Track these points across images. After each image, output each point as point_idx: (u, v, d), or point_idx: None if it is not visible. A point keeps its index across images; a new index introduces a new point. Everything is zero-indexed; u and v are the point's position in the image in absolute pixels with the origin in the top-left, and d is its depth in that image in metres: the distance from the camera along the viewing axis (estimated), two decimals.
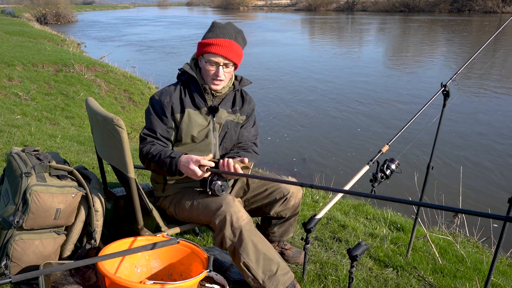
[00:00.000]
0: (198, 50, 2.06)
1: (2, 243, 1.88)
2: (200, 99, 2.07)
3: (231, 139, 2.16)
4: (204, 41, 2.02)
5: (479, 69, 12.20)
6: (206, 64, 2.01)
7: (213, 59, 1.99)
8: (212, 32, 2.03)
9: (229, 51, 1.99)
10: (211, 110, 2.07)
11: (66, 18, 38.15)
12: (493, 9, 41.38)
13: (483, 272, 2.63)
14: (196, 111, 2.06)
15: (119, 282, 1.63)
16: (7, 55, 9.59)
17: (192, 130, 2.05)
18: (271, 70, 13.78)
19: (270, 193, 2.20)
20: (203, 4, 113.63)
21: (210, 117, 2.08)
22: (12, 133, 4.53)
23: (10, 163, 2.03)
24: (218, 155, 2.14)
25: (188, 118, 2.04)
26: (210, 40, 2.00)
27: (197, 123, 2.05)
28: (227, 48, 1.99)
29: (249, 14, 61.01)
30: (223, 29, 2.03)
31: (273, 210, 2.22)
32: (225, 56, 1.99)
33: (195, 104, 2.06)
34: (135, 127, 7.47)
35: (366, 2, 55.20)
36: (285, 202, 2.21)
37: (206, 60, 2.01)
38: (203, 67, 2.04)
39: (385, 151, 2.32)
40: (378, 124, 8.20)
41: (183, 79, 2.11)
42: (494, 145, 7.06)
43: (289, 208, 2.23)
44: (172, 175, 1.94)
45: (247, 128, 2.23)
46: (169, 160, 1.91)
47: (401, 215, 3.64)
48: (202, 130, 2.07)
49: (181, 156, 1.90)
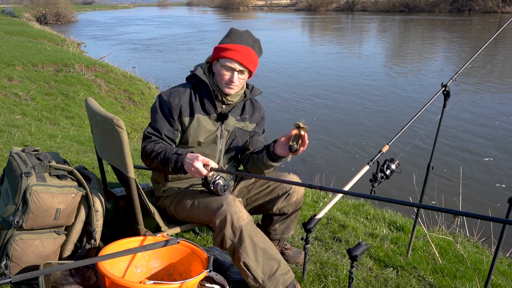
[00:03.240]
0: (213, 54, 2.04)
1: (2, 243, 1.88)
2: (210, 105, 2.06)
3: (237, 146, 2.16)
4: (221, 46, 2.01)
5: (480, 68, 12.20)
6: (222, 68, 2.00)
7: (229, 64, 1.98)
8: (230, 37, 2.02)
9: (245, 57, 1.99)
10: (220, 117, 2.06)
11: (66, 18, 38.15)
12: (493, 9, 41.37)
13: (483, 272, 2.63)
14: (205, 116, 2.05)
15: (119, 282, 1.63)
16: (7, 55, 9.60)
17: (199, 136, 2.04)
18: (270, 70, 13.77)
19: (273, 189, 2.21)
20: (203, 4, 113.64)
21: (219, 123, 2.07)
22: (12, 133, 4.53)
23: (10, 163, 2.03)
24: (223, 162, 2.14)
25: (197, 123, 2.03)
26: (228, 45, 1.99)
27: (206, 129, 2.05)
28: (244, 54, 1.98)
29: (249, 14, 61.01)
30: (241, 35, 2.02)
31: (276, 206, 2.23)
32: (241, 63, 1.98)
33: (205, 110, 2.05)
34: (135, 127, 7.47)
35: (366, 2, 55.18)
36: (288, 198, 2.22)
37: (222, 64, 1.99)
38: (218, 71, 2.02)
39: (385, 151, 2.32)
40: (378, 124, 8.20)
41: (194, 82, 2.09)
42: (494, 145, 7.06)
43: (291, 204, 2.24)
44: (176, 172, 1.91)
45: (257, 135, 2.23)
46: (176, 157, 1.88)
47: (401, 215, 3.64)
48: (210, 135, 2.06)
49: (187, 153, 1.89)
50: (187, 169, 1.86)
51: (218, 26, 35.63)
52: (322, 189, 1.51)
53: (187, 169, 1.86)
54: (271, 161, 2.06)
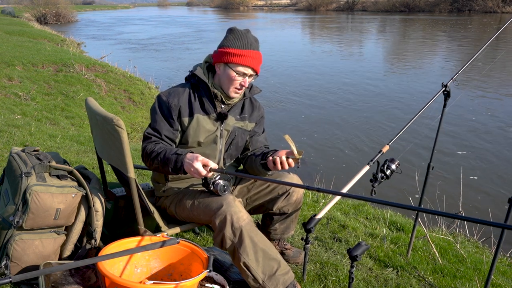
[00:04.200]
0: (220, 57, 2.01)
1: (2, 243, 1.88)
2: (210, 104, 2.05)
3: (237, 146, 2.16)
4: (231, 51, 1.97)
5: (481, 69, 12.20)
6: (233, 73, 1.98)
7: (243, 70, 1.98)
8: (238, 40, 1.99)
9: (258, 63, 2.02)
10: (220, 117, 2.06)
11: (66, 18, 38.15)
12: (493, 9, 41.34)
13: (483, 272, 2.63)
14: (205, 116, 2.05)
15: (119, 282, 1.63)
16: (7, 55, 9.60)
17: (199, 136, 2.04)
18: (270, 70, 13.77)
19: (273, 188, 2.21)
20: (203, 4, 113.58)
21: (218, 123, 2.07)
22: (12, 133, 4.53)
23: (10, 163, 2.02)
24: (223, 161, 2.14)
25: (197, 123, 2.03)
26: (239, 50, 1.97)
27: (205, 129, 2.04)
28: (257, 60, 2.01)
29: (249, 14, 61.01)
30: (248, 39, 2.00)
31: (276, 206, 2.23)
32: (254, 68, 2.00)
33: (204, 110, 2.05)
34: (135, 127, 7.47)
35: (366, 2, 55.16)
36: (288, 197, 2.22)
37: (234, 70, 1.98)
38: (228, 75, 2.00)
39: (385, 151, 2.32)
40: (378, 124, 8.20)
41: (193, 81, 2.09)
42: (494, 145, 7.06)
43: (292, 203, 2.24)
44: (176, 172, 1.91)
45: (258, 135, 2.24)
46: (175, 157, 1.88)
47: (401, 215, 3.64)
48: (209, 135, 2.06)
49: (187, 153, 1.88)
50: (186, 169, 1.86)
51: (218, 26, 35.64)
52: (319, 191, 1.51)
53: (187, 170, 1.86)
54: (264, 169, 2.08)
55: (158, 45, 21.13)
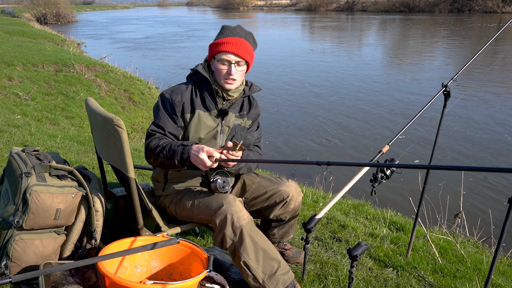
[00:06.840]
0: (209, 52, 2.07)
1: (2, 243, 1.88)
2: (211, 100, 2.07)
3: None
4: (215, 42, 2.03)
5: (481, 68, 12.19)
6: (218, 63, 2.01)
7: (225, 57, 2.00)
8: (222, 33, 2.05)
9: (239, 48, 2.00)
10: (221, 113, 2.08)
11: (66, 18, 38.15)
12: (493, 9, 41.33)
13: (483, 272, 2.63)
14: (206, 112, 2.06)
15: (119, 282, 1.63)
16: (7, 55, 9.59)
17: (200, 132, 2.05)
18: (270, 70, 13.77)
19: (270, 196, 2.20)
20: (203, 4, 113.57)
21: (219, 119, 2.09)
22: (12, 133, 4.53)
23: (10, 163, 2.03)
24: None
25: (198, 119, 2.04)
26: (220, 39, 2.01)
27: (206, 125, 2.06)
28: (238, 45, 2.00)
29: (249, 14, 61.01)
30: (233, 29, 2.05)
31: (273, 214, 2.22)
32: (236, 54, 1.99)
33: (205, 106, 2.07)
34: (135, 127, 7.47)
35: (366, 2, 55.15)
36: (285, 206, 2.21)
37: (218, 59, 2.01)
38: (216, 67, 2.03)
39: (385, 151, 2.32)
40: (378, 124, 8.20)
41: (195, 79, 2.11)
42: (494, 145, 7.06)
43: (289, 211, 2.24)
44: (182, 165, 1.92)
45: (251, 132, 2.24)
46: (182, 148, 1.90)
47: (401, 215, 3.64)
48: (210, 132, 2.07)
49: (193, 144, 1.90)
50: (192, 160, 1.88)
51: (217, 26, 35.57)
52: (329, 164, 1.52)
53: (193, 161, 1.88)
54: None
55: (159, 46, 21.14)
